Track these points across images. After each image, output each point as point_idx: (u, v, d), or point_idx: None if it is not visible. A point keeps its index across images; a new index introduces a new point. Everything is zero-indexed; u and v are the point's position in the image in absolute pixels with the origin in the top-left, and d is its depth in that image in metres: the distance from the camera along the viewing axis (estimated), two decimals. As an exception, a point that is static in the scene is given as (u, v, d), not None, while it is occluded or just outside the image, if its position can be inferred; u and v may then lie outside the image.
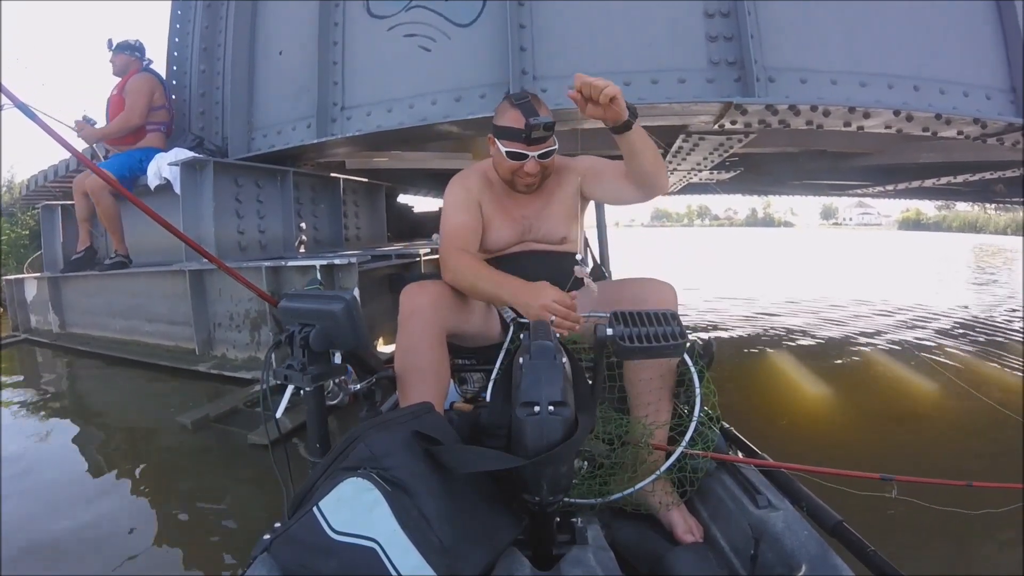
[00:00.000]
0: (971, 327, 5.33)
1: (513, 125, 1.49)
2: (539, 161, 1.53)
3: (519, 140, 1.49)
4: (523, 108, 1.49)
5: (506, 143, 1.52)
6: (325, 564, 0.83)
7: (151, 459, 2.38)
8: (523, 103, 1.50)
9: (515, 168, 1.54)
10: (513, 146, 1.51)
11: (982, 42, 2.65)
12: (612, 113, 1.27)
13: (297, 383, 1.12)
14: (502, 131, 1.53)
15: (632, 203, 1.63)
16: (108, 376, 3.72)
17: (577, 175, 1.67)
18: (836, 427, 2.73)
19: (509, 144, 1.51)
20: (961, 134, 2.69)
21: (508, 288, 1.34)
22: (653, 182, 1.48)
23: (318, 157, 3.94)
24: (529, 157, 1.51)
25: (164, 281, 3.72)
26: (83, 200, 4.01)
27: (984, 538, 1.67)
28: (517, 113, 1.49)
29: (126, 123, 3.79)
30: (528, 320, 1.30)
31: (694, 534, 1.20)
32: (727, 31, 2.58)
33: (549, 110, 1.56)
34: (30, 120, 1.43)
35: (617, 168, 1.57)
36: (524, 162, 1.52)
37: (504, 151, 1.53)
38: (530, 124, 1.45)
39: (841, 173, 5.48)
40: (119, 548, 1.68)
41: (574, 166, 1.68)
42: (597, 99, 1.23)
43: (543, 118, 1.46)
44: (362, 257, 2.97)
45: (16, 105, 1.38)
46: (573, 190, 1.67)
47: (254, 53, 3.62)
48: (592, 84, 1.22)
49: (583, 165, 1.68)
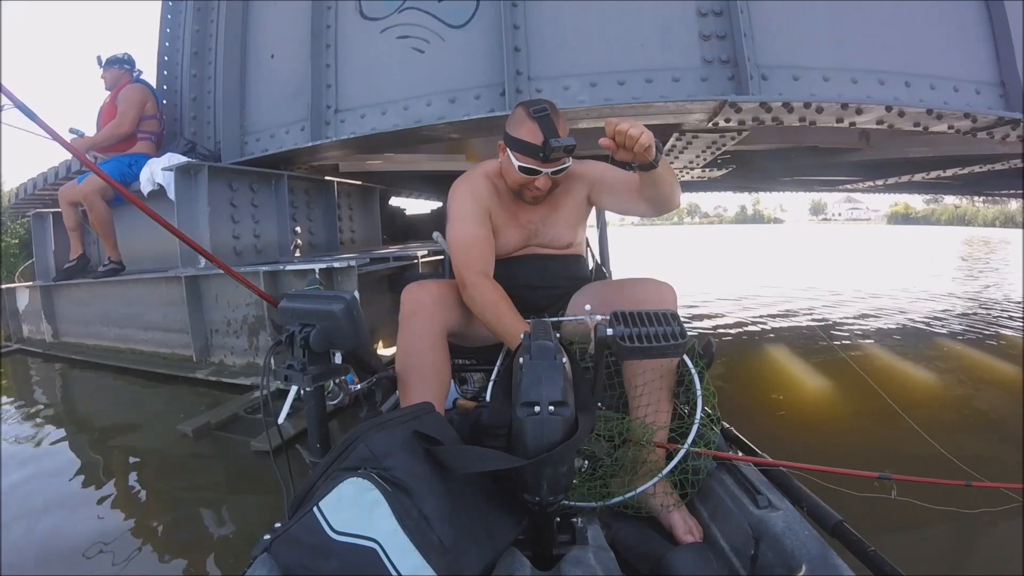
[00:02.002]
0: (964, 316, 5.39)
1: (530, 140, 1.43)
2: (551, 177, 1.50)
3: (534, 157, 1.44)
4: (542, 124, 1.42)
5: (519, 156, 1.47)
6: (325, 564, 0.83)
7: (152, 468, 2.36)
8: (542, 117, 1.43)
9: (526, 182, 1.51)
10: (527, 161, 1.46)
11: (971, 37, 2.67)
12: (642, 157, 1.25)
13: (297, 383, 1.12)
14: (516, 143, 1.46)
15: (642, 216, 1.62)
16: (103, 385, 3.70)
17: (586, 184, 1.64)
18: (831, 423, 2.73)
19: (523, 159, 1.46)
20: (952, 128, 2.71)
21: (514, 337, 1.32)
22: (669, 204, 1.47)
23: (311, 160, 3.92)
24: (542, 173, 1.48)
25: (159, 288, 3.70)
26: (70, 210, 4.00)
27: (983, 537, 1.68)
28: (535, 127, 1.42)
29: (117, 130, 3.78)
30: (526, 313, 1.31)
31: (694, 534, 1.20)
32: (720, 30, 2.58)
33: (567, 124, 1.51)
34: (31, 121, 1.42)
35: (629, 182, 1.54)
36: (535, 177, 1.49)
37: (516, 164, 1.48)
38: (550, 146, 1.39)
39: (831, 169, 5.51)
40: (121, 553, 1.67)
41: (583, 173, 1.64)
42: (631, 147, 1.22)
43: (564, 141, 1.39)
44: (361, 260, 2.96)
45: (16, 106, 1.37)
46: (582, 198, 1.65)
47: (246, 56, 3.60)
48: (627, 133, 1.19)
49: (592, 173, 1.64)
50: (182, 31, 4.16)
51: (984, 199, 10.40)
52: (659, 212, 1.51)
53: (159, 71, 4.26)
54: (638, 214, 1.60)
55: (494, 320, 1.38)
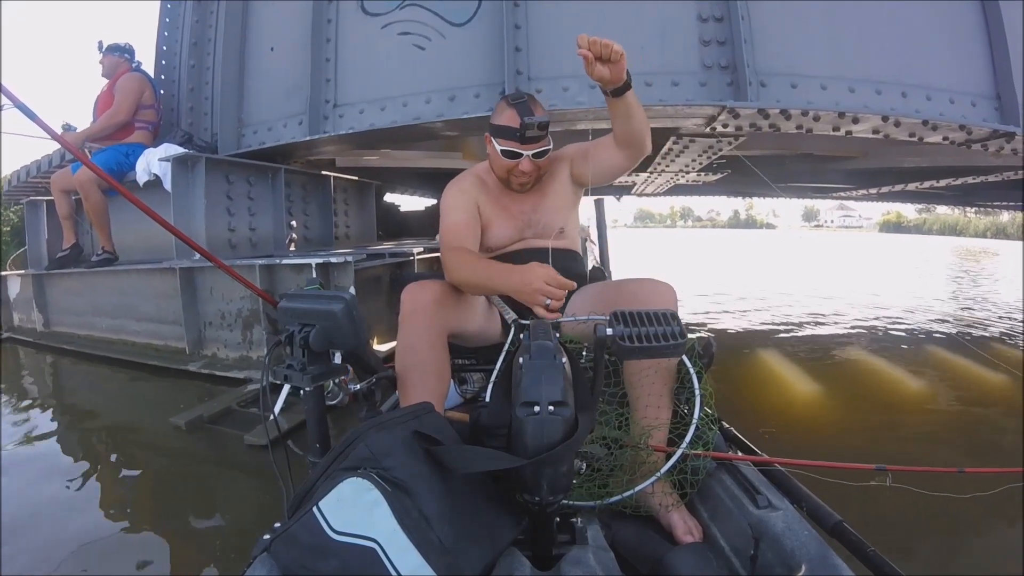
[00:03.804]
0: (953, 322, 5.45)
1: (509, 124, 1.55)
2: (533, 160, 1.59)
3: (514, 139, 1.55)
4: (519, 108, 1.55)
5: (501, 141, 1.58)
6: (325, 564, 0.82)
7: (144, 462, 2.34)
8: (519, 103, 1.56)
9: (510, 167, 1.61)
10: (508, 144, 1.57)
11: (968, 49, 2.70)
12: (617, 72, 1.29)
13: (297, 383, 1.12)
14: (498, 130, 1.59)
15: (621, 171, 1.65)
16: (94, 376, 3.66)
17: (566, 162, 1.73)
18: (827, 421, 2.76)
19: (504, 143, 1.57)
20: (947, 139, 2.74)
21: (500, 277, 1.32)
22: (642, 141, 1.52)
23: (308, 155, 3.91)
24: (523, 156, 1.57)
25: (153, 279, 3.67)
26: (63, 197, 3.95)
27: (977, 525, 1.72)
28: (513, 112, 1.55)
29: (113, 118, 3.74)
30: (526, 312, 1.31)
31: (694, 534, 1.20)
32: (720, 35, 2.60)
33: (545, 111, 1.62)
34: (30, 120, 1.43)
35: (600, 142, 1.64)
36: (519, 161, 1.58)
37: (499, 149, 1.59)
38: (525, 123, 1.51)
39: (825, 176, 5.55)
40: (115, 551, 1.66)
41: (561, 155, 1.75)
42: (608, 57, 1.25)
43: (538, 117, 1.52)
44: (357, 255, 2.95)
45: (16, 105, 1.38)
46: (565, 178, 1.74)
47: (245, 49, 3.59)
48: (603, 42, 1.24)
49: (570, 151, 1.75)
50: (182, 21, 4.14)
51: (976, 210, 10.49)
52: (636, 154, 1.56)
53: (157, 60, 4.23)
54: (617, 167, 1.63)
55: (469, 273, 1.40)
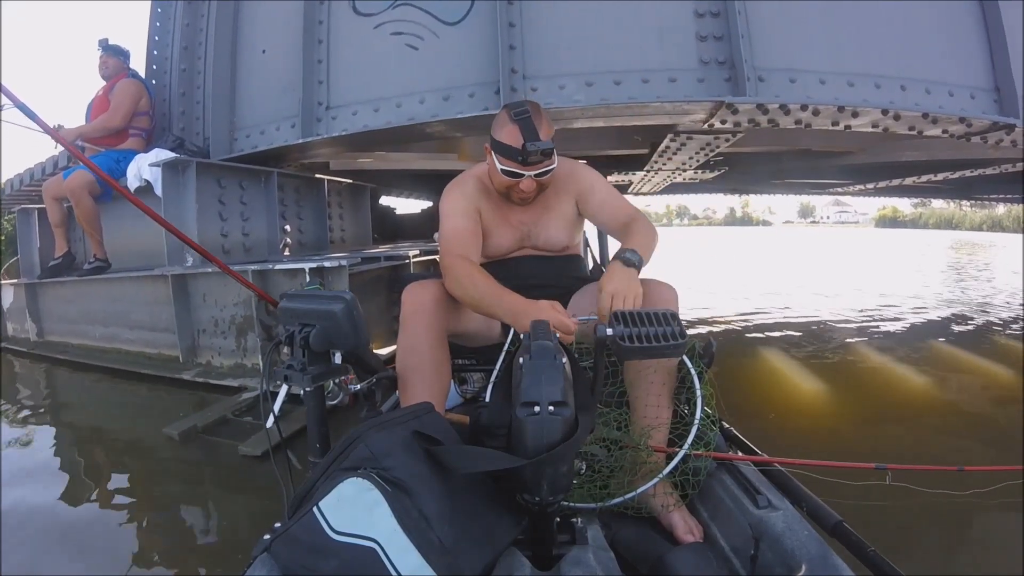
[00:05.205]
0: (955, 318, 5.46)
1: (510, 143, 1.43)
2: (535, 179, 1.49)
3: (515, 160, 1.44)
4: (522, 126, 1.41)
5: (502, 159, 1.47)
6: (325, 564, 0.83)
7: (138, 472, 2.31)
8: (522, 119, 1.42)
9: (510, 184, 1.51)
10: (509, 164, 1.46)
11: (967, 42, 2.70)
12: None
13: (297, 383, 1.12)
14: (499, 146, 1.46)
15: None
16: (89, 386, 3.63)
17: (574, 191, 1.63)
18: (828, 420, 2.75)
19: (505, 162, 1.46)
20: (946, 133, 2.73)
21: (506, 308, 1.26)
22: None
23: (302, 158, 3.89)
24: (525, 176, 1.47)
25: (145, 286, 3.64)
26: (55, 205, 3.94)
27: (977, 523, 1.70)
28: (515, 130, 1.42)
29: (108, 123, 3.73)
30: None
31: (694, 534, 1.19)
32: (717, 31, 2.59)
33: (551, 126, 1.48)
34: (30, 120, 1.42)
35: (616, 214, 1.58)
36: (519, 180, 1.48)
37: (500, 168, 1.48)
38: (527, 149, 1.39)
39: (821, 171, 5.55)
40: (105, 559, 1.64)
41: (574, 178, 1.64)
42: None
43: (542, 144, 1.39)
44: (352, 259, 2.93)
45: (16, 105, 1.38)
46: (571, 198, 1.65)
47: (236, 51, 3.56)
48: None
49: (582, 185, 1.64)
50: (172, 24, 4.10)
51: (972, 203, 10.54)
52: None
53: (147, 65, 4.20)
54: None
55: (474, 290, 1.32)
